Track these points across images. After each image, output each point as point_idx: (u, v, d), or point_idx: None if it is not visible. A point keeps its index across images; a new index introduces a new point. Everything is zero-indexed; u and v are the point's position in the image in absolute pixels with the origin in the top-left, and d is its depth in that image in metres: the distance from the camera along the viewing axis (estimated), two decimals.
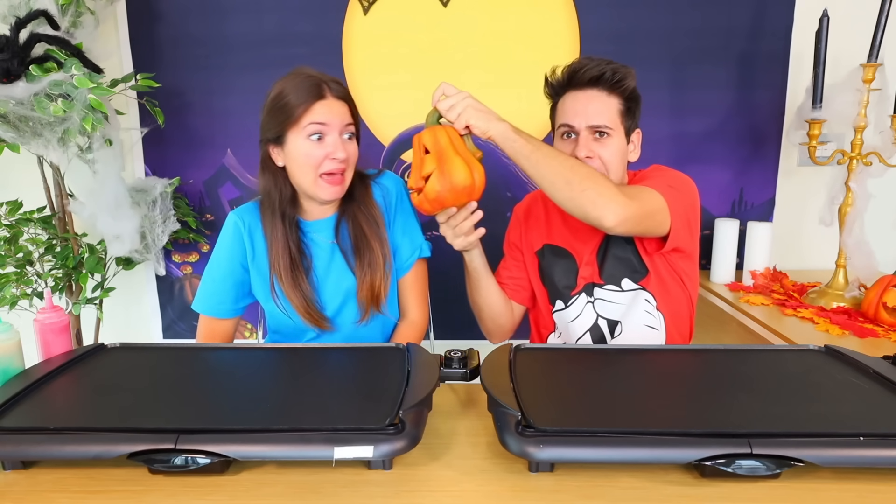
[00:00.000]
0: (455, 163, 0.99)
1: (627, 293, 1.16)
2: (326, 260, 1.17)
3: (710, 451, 0.65)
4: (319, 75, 1.08)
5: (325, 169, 1.07)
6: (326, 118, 1.06)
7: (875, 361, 0.86)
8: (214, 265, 1.19)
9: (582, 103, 1.10)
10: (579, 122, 1.09)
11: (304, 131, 1.05)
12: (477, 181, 1.01)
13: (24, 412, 0.74)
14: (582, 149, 1.09)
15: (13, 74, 1.40)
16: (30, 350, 0.91)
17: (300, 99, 1.05)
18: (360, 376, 0.87)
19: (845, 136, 1.73)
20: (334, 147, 1.06)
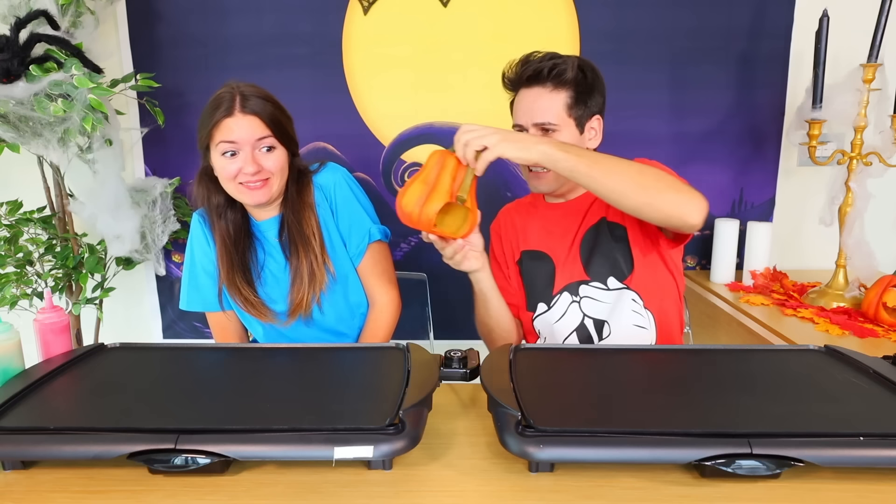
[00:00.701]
0: (413, 188, 0.94)
1: (613, 292, 1.14)
2: (277, 257, 1.21)
3: (710, 451, 0.65)
4: (235, 88, 1.10)
5: (241, 180, 1.10)
6: (234, 136, 1.08)
7: (875, 361, 0.86)
8: (188, 262, 1.24)
9: (527, 102, 1.11)
10: (525, 120, 1.11)
11: (216, 148, 1.09)
12: (423, 213, 0.93)
13: (24, 412, 0.74)
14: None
15: (13, 74, 1.40)
16: (30, 350, 0.91)
17: (211, 116, 1.09)
18: (360, 376, 0.87)
19: (845, 136, 1.73)
20: (244, 162, 1.08)
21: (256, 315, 1.19)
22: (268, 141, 1.10)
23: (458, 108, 1.81)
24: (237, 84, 1.11)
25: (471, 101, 1.80)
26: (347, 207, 1.22)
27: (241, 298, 1.18)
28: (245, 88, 1.10)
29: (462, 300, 1.27)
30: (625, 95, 1.77)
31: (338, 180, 1.22)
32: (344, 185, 1.22)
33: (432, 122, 1.81)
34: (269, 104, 1.11)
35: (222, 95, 1.10)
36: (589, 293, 1.16)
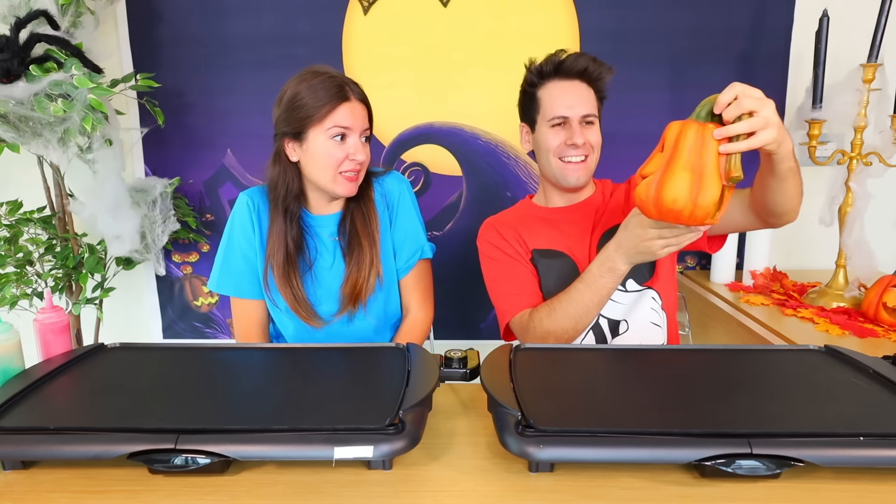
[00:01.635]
0: (677, 177, 0.78)
1: (631, 294, 1.16)
2: (329, 257, 1.18)
3: (710, 451, 0.65)
4: (342, 76, 1.10)
5: (343, 168, 1.09)
6: (349, 121, 1.07)
7: (875, 361, 0.86)
8: (225, 243, 1.19)
9: (572, 94, 1.14)
10: (573, 112, 1.13)
11: (327, 132, 1.07)
12: (700, 206, 0.79)
13: (24, 412, 0.74)
14: (577, 136, 1.13)
15: (13, 74, 1.40)
16: (30, 350, 0.91)
17: (325, 99, 1.06)
18: (360, 376, 0.87)
19: (845, 136, 1.73)
20: (355, 150, 1.09)
21: (299, 312, 1.15)
22: (367, 132, 1.12)
23: (458, 108, 1.81)
24: (334, 70, 1.11)
25: (471, 101, 1.80)
26: (407, 219, 1.23)
27: (292, 294, 1.14)
28: (343, 76, 1.11)
29: (462, 300, 1.27)
30: (625, 95, 1.77)
31: (403, 190, 1.23)
32: (408, 197, 1.24)
33: (432, 122, 1.81)
34: (366, 96, 1.13)
35: (327, 80, 1.07)
36: None
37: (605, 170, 1.84)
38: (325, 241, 1.18)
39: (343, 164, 1.09)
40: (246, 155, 1.86)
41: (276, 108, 1.12)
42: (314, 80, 1.08)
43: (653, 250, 0.96)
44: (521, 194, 1.84)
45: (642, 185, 0.84)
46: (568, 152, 1.15)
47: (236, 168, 1.87)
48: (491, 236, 1.25)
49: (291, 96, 1.08)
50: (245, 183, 1.87)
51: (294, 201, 1.15)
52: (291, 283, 1.14)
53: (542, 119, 1.17)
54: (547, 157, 1.17)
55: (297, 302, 1.14)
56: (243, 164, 1.86)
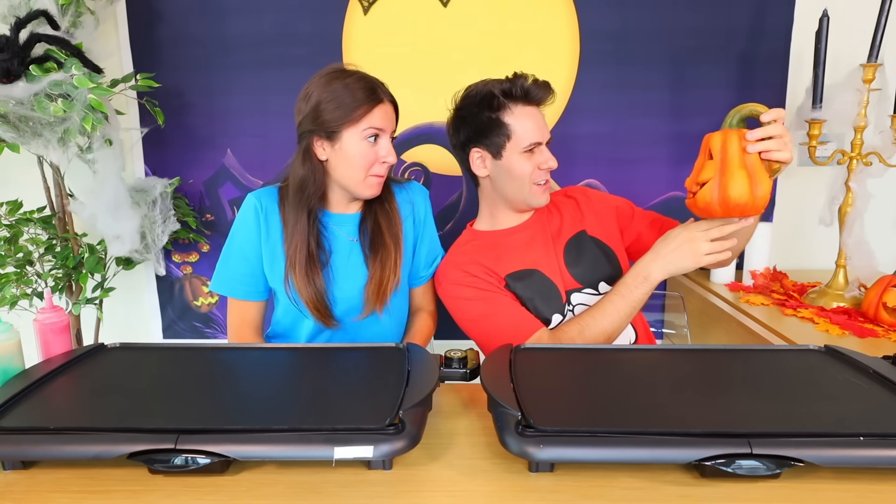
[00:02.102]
0: (737, 176, 0.92)
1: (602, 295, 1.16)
2: (345, 256, 1.18)
3: (710, 451, 0.65)
4: (374, 78, 1.11)
5: (374, 171, 1.11)
6: (383, 123, 1.09)
7: (875, 361, 0.86)
8: (232, 247, 1.18)
9: (538, 119, 1.16)
10: (544, 136, 1.17)
11: (362, 133, 1.08)
12: (759, 198, 0.93)
13: (24, 412, 0.74)
14: (551, 159, 1.16)
15: (13, 74, 1.40)
16: (30, 350, 0.91)
17: (362, 99, 1.07)
18: (360, 376, 0.87)
19: (845, 136, 1.73)
20: (387, 152, 1.10)
21: (318, 312, 1.14)
22: (395, 133, 1.14)
23: None
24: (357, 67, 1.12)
25: None
26: (429, 229, 1.26)
27: (314, 293, 1.12)
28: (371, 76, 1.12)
29: None
30: (625, 95, 1.77)
31: (427, 201, 1.26)
32: (430, 208, 1.27)
33: (432, 122, 1.81)
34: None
35: (360, 80, 1.08)
36: (581, 300, 1.18)
37: (605, 170, 1.85)
38: (342, 240, 1.18)
39: (374, 167, 1.10)
40: (246, 155, 1.86)
41: (303, 104, 1.10)
42: (348, 80, 1.08)
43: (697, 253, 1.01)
44: None
45: (705, 190, 0.94)
46: (541, 176, 1.17)
47: (236, 168, 1.87)
48: (457, 277, 1.18)
49: (325, 95, 1.07)
50: (245, 183, 1.87)
51: (318, 200, 1.15)
52: (315, 283, 1.13)
53: (513, 146, 1.14)
54: (520, 183, 1.17)
55: (318, 301, 1.13)
56: (243, 164, 1.86)
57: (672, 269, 1.04)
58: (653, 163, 1.83)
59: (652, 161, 1.84)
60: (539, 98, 1.16)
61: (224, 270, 1.18)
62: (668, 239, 1.05)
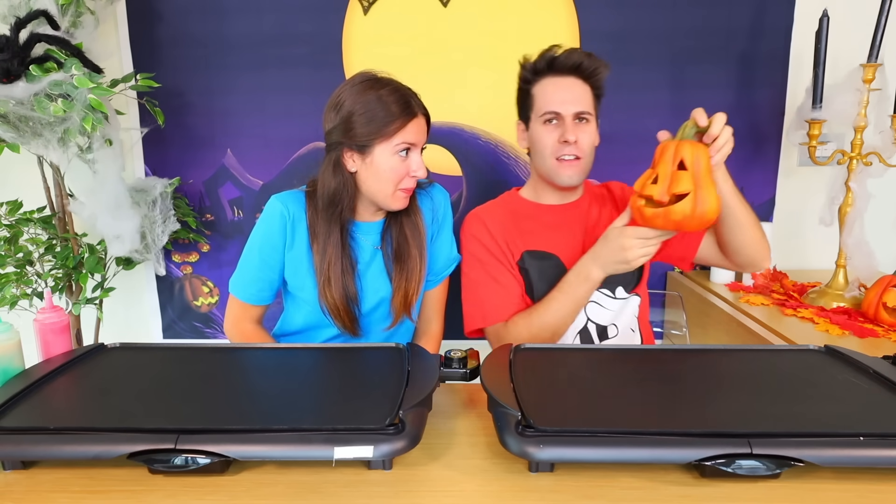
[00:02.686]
0: (711, 192, 0.94)
1: (619, 300, 1.18)
2: (366, 263, 1.17)
3: (710, 451, 0.65)
4: (406, 87, 1.08)
5: (404, 185, 1.09)
6: (415, 138, 1.06)
7: (875, 361, 0.86)
8: (255, 251, 1.15)
9: (566, 90, 1.12)
10: (566, 108, 1.12)
11: (394, 147, 1.05)
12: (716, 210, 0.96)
13: (24, 412, 0.74)
14: (570, 133, 1.12)
15: (13, 74, 1.40)
16: (30, 350, 0.91)
17: (396, 114, 1.04)
18: (360, 376, 0.87)
19: (845, 136, 1.73)
20: (418, 166, 1.08)
21: (341, 321, 1.13)
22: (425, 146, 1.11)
23: (457, 107, 1.81)
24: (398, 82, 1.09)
25: (471, 101, 1.80)
26: (447, 232, 1.24)
27: (346, 303, 1.11)
28: (409, 88, 1.09)
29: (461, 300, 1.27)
30: (625, 95, 1.77)
31: (448, 204, 1.24)
32: (451, 210, 1.25)
33: (432, 122, 1.81)
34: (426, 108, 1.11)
35: (396, 93, 1.05)
36: (597, 299, 1.17)
37: (605, 170, 1.85)
38: (366, 248, 1.17)
39: (404, 181, 1.08)
40: (246, 155, 1.86)
41: (332, 114, 1.08)
42: (382, 91, 1.04)
43: (629, 259, 1.03)
44: None
45: (684, 204, 0.93)
46: (562, 150, 1.13)
47: (236, 168, 1.87)
48: (478, 231, 1.21)
49: (357, 106, 1.05)
50: (245, 183, 1.87)
51: (347, 209, 1.12)
52: (349, 294, 1.12)
53: (535, 115, 1.16)
54: (542, 155, 1.16)
55: (348, 311, 1.12)
56: (243, 164, 1.86)
57: (610, 270, 1.07)
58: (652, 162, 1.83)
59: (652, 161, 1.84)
60: (565, 67, 1.12)
61: (244, 274, 1.17)
62: (607, 241, 1.06)
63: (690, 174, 0.94)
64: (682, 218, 0.94)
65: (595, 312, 1.17)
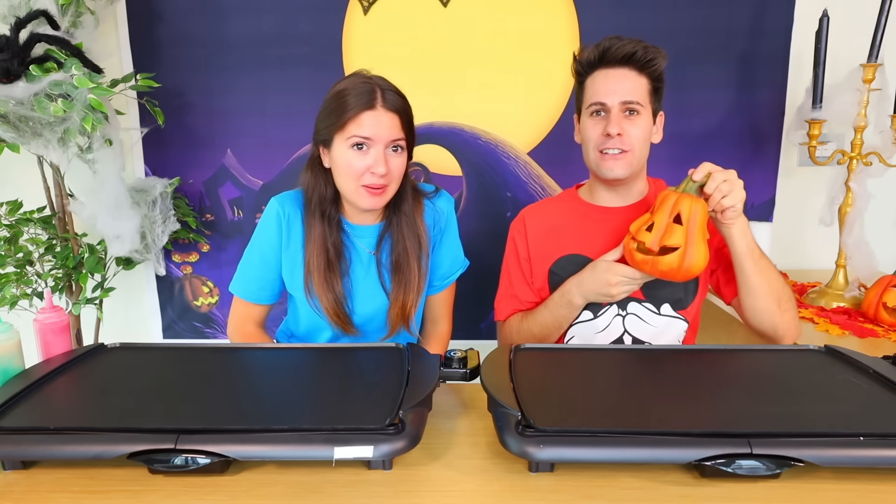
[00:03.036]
0: (701, 249, 0.97)
1: (663, 318, 1.13)
2: (363, 269, 1.16)
3: (710, 451, 0.65)
4: (377, 82, 1.04)
5: (365, 182, 1.04)
6: (371, 131, 1.01)
7: (875, 361, 0.86)
8: (254, 251, 1.15)
9: (613, 80, 1.08)
10: (612, 99, 1.07)
11: (347, 140, 1.02)
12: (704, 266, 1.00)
13: (24, 412, 0.74)
14: (613, 125, 1.07)
15: (13, 74, 1.40)
16: (30, 350, 0.91)
17: (350, 106, 1.02)
18: (360, 376, 0.87)
19: (845, 136, 1.73)
20: (375, 161, 1.02)
21: (338, 320, 1.12)
22: (400, 143, 1.05)
23: (457, 107, 1.81)
24: (371, 74, 1.05)
25: (471, 101, 1.80)
26: (452, 239, 1.22)
27: (333, 300, 1.10)
28: (382, 81, 1.05)
29: (462, 300, 1.27)
30: None
31: (451, 210, 1.22)
32: (454, 217, 1.23)
33: (432, 122, 1.81)
34: (404, 101, 1.06)
35: (357, 86, 1.02)
36: (638, 312, 1.13)
37: None
38: (361, 252, 1.15)
39: (364, 177, 1.03)
40: (246, 155, 1.86)
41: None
42: (348, 85, 1.04)
43: (612, 294, 1.06)
44: (521, 194, 1.84)
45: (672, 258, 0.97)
46: (606, 143, 1.08)
47: (236, 168, 1.87)
48: (517, 231, 1.24)
49: (326, 101, 1.06)
50: (245, 183, 1.87)
51: (332, 206, 1.12)
52: (334, 290, 1.11)
53: (584, 107, 1.13)
54: (587, 149, 1.13)
55: (338, 309, 1.11)
56: (243, 164, 1.86)
57: (592, 299, 1.10)
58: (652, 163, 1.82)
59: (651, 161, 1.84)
60: (616, 58, 1.07)
61: (244, 274, 1.17)
62: (594, 272, 1.07)
63: (684, 229, 0.97)
64: (668, 269, 0.98)
65: (635, 326, 1.13)
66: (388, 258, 1.15)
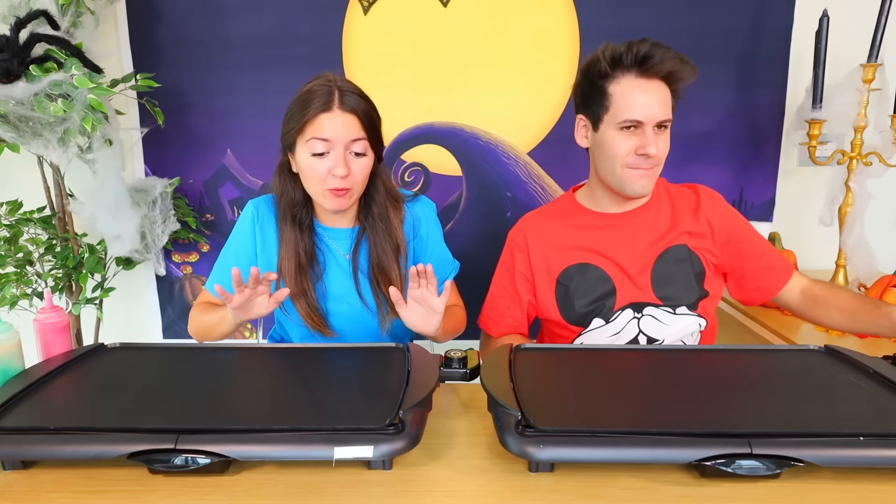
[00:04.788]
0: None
1: (680, 317, 1.11)
2: (339, 272, 1.15)
3: (710, 451, 0.65)
4: (334, 82, 1.03)
5: (329, 185, 1.03)
6: (328, 133, 1.01)
7: (875, 361, 0.86)
8: (229, 252, 1.16)
9: (651, 97, 1.02)
10: (650, 117, 1.02)
11: (307, 144, 1.02)
12: None
13: (24, 412, 0.74)
14: (651, 145, 1.02)
15: (13, 74, 1.40)
16: (30, 350, 0.91)
17: (307, 109, 1.01)
18: (360, 376, 0.87)
19: (845, 136, 1.73)
20: (335, 163, 1.01)
21: (312, 323, 1.11)
22: (361, 144, 1.03)
23: (457, 108, 1.81)
24: (333, 77, 1.04)
25: (471, 101, 1.80)
26: (436, 243, 1.21)
27: (306, 304, 1.10)
28: (342, 83, 1.03)
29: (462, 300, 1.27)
30: None
31: (431, 216, 1.20)
32: (436, 222, 1.21)
33: (432, 122, 1.81)
34: (365, 102, 1.04)
35: (317, 88, 1.02)
36: (655, 314, 1.11)
37: None
38: (336, 254, 1.15)
39: (327, 180, 1.03)
40: (246, 155, 1.86)
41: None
42: (309, 88, 1.03)
43: None
44: (521, 194, 1.84)
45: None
46: (638, 162, 1.04)
47: (236, 168, 1.87)
48: (516, 242, 1.19)
49: (289, 106, 1.06)
50: (245, 183, 1.87)
51: (302, 210, 1.11)
52: (306, 294, 1.10)
53: (610, 118, 1.05)
54: (611, 163, 1.06)
55: (311, 313, 1.11)
56: (243, 164, 1.86)
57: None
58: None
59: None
60: (656, 69, 1.01)
61: (217, 273, 1.17)
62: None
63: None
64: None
65: (650, 326, 1.11)
66: (366, 263, 1.14)
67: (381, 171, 1.13)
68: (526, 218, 1.22)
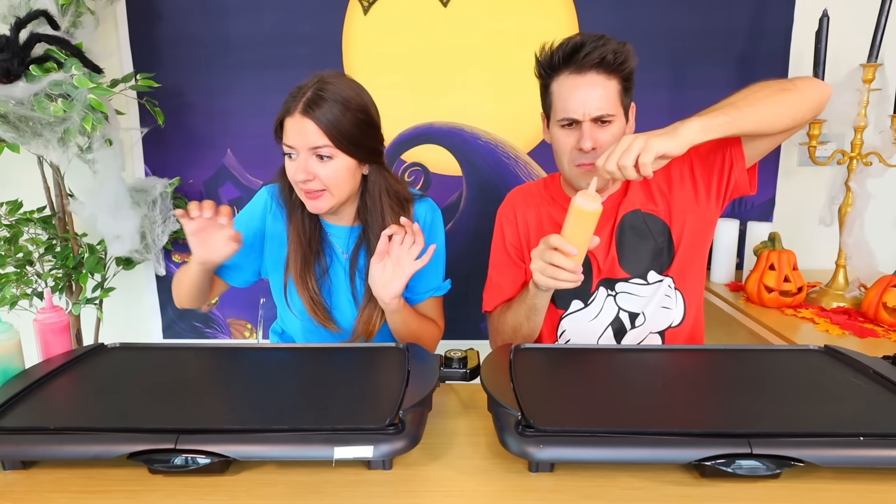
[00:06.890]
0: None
1: (651, 285, 1.11)
2: (341, 270, 1.15)
3: (710, 451, 0.65)
4: (309, 86, 1.01)
5: (301, 187, 1.04)
6: (292, 139, 1.01)
7: (875, 361, 0.86)
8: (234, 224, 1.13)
9: (584, 90, 1.01)
10: (582, 112, 1.02)
11: (284, 147, 1.04)
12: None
13: (24, 412, 0.74)
14: (587, 140, 1.02)
15: (13, 74, 1.40)
16: (30, 350, 0.91)
17: (280, 113, 1.03)
18: (360, 376, 0.87)
19: (845, 136, 1.73)
20: (296, 168, 1.02)
21: (316, 316, 1.11)
22: (325, 150, 1.01)
23: (457, 108, 1.81)
24: (320, 77, 1.02)
25: (471, 101, 1.80)
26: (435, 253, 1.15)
27: (308, 296, 1.10)
28: (321, 85, 1.01)
29: (462, 300, 1.27)
30: None
31: (434, 220, 1.17)
32: (440, 228, 1.19)
33: (432, 122, 1.81)
34: (336, 108, 0.99)
35: (293, 90, 1.03)
36: (627, 288, 1.12)
37: None
38: (338, 252, 1.15)
39: (297, 184, 1.04)
40: (246, 155, 1.86)
41: None
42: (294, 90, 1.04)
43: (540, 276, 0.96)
44: None
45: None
46: (580, 157, 1.05)
47: (236, 168, 1.87)
48: (506, 216, 1.21)
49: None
50: (245, 183, 1.87)
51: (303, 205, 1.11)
52: (308, 286, 1.10)
53: (553, 116, 1.07)
54: (560, 160, 1.09)
55: (315, 305, 1.11)
56: (243, 164, 1.86)
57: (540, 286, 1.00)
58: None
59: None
60: (586, 60, 0.99)
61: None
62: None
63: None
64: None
65: (626, 301, 1.12)
66: (364, 263, 1.13)
67: (380, 172, 1.11)
68: (514, 193, 1.25)
